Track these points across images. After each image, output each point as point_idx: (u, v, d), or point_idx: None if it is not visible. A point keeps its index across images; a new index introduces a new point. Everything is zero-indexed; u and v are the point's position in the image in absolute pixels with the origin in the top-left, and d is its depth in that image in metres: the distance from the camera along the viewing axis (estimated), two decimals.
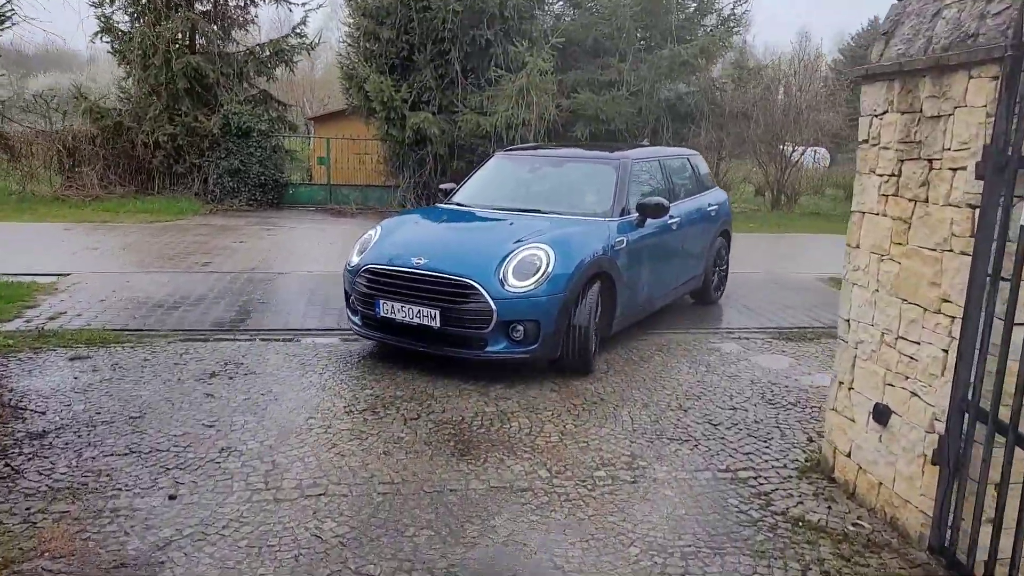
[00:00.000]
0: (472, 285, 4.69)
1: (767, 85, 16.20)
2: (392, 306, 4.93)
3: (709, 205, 7.12)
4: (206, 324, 6.08)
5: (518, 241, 4.99)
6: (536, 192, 6.16)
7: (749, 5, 14.88)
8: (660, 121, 14.97)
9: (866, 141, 3.53)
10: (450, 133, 14.07)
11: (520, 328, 4.72)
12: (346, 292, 5.48)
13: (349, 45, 14.92)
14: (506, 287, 4.70)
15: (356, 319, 5.37)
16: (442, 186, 6.72)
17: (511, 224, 5.39)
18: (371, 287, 5.07)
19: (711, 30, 15.77)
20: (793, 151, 16.51)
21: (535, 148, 7.24)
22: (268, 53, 14.87)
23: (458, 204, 6.20)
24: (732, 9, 15.84)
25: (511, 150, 7.15)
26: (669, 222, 6.07)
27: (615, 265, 5.30)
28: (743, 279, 8.49)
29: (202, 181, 14.45)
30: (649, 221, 5.73)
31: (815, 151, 19.15)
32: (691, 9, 15.91)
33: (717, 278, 7.43)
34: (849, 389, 3.61)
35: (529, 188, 6.25)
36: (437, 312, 4.75)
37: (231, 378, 4.81)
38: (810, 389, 5.01)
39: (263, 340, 5.73)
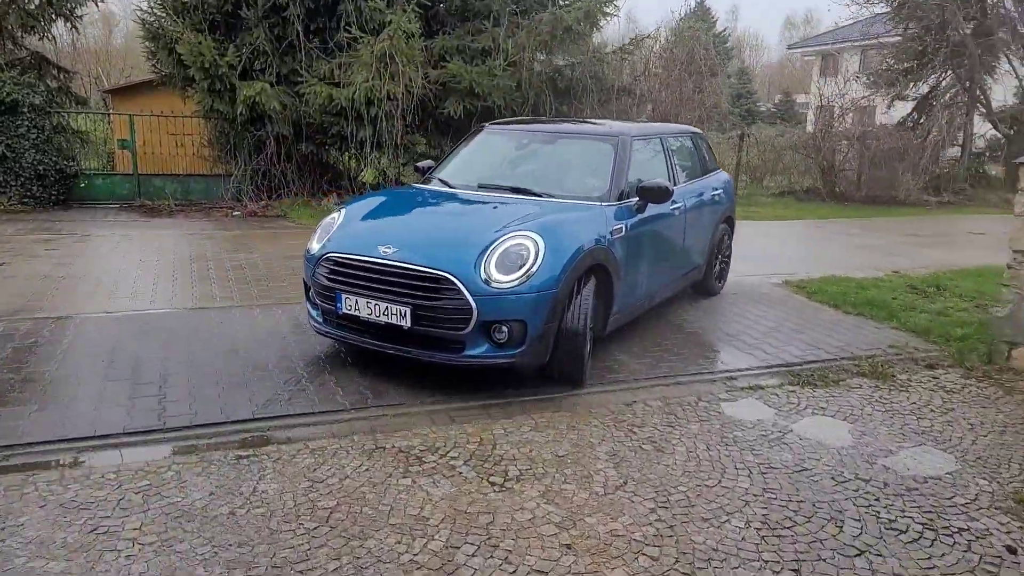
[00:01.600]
0: (448, 279, 4.02)
1: (648, 59, 14.90)
2: (356, 301, 4.26)
3: (713, 189, 6.53)
4: None
5: (502, 228, 4.27)
6: (525, 172, 5.39)
7: None
8: (541, 97, 13.17)
9: None
10: (295, 109, 11.44)
11: (504, 329, 4.07)
12: (305, 283, 4.77)
13: None
14: (488, 282, 4.03)
15: (316, 314, 4.68)
16: (419, 164, 5.98)
17: (495, 208, 4.76)
18: (332, 279, 4.39)
19: None
20: None
21: (525, 122, 6.38)
22: (38, 2, 11.29)
23: (436, 185, 5.44)
24: None
25: (499, 123, 6.20)
26: (672, 207, 5.48)
27: (612, 256, 4.64)
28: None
29: None
30: (650, 206, 5.09)
31: None
32: None
33: (719, 267, 6.84)
34: None
35: (517, 167, 5.49)
36: (408, 309, 4.09)
37: None
38: (922, 487, 3.36)
39: (16, 470, 3.23)
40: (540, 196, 4.89)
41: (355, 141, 11.61)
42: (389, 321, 4.13)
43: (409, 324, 4.08)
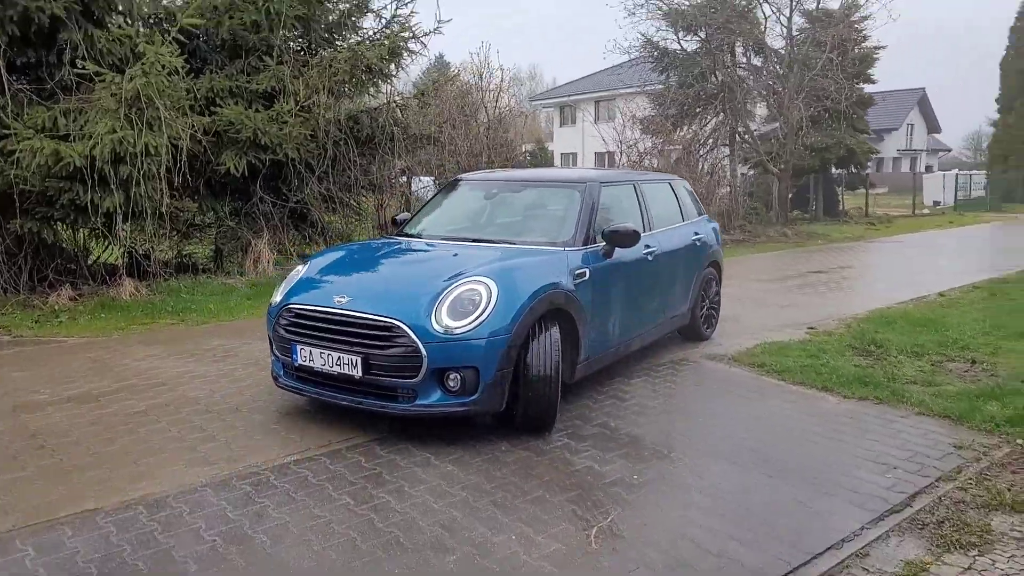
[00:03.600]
0: (398, 326, 3.95)
1: (447, 105, 13.34)
2: (311, 352, 4.22)
3: (695, 235, 6.46)
4: None
5: (457, 275, 4.20)
6: (493, 220, 5.44)
7: (414, 5, 11.56)
8: (340, 147, 10.95)
9: None
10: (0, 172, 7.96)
11: (456, 376, 3.95)
12: (269, 337, 4.67)
13: None
14: (439, 328, 3.93)
15: (278, 368, 4.59)
16: (396, 216, 6.02)
17: (455, 255, 4.66)
18: (289, 330, 4.36)
19: (376, 33, 12.25)
20: (417, 180, 13.98)
21: (496, 171, 6.61)
22: None
23: (406, 236, 5.46)
24: (395, 9, 12.47)
25: (473, 175, 6.35)
26: (644, 252, 5.41)
27: (575, 300, 4.45)
28: (626, 368, 5.27)
29: None
30: (619, 251, 4.97)
31: (419, 179, 16.24)
32: (345, 7, 12.18)
33: (706, 312, 6.68)
34: None
35: (486, 216, 5.50)
36: (359, 359, 4.02)
37: None
38: None
39: None
40: (503, 243, 4.87)
41: (99, 213, 8.40)
42: (341, 371, 4.07)
43: (361, 373, 4.01)
